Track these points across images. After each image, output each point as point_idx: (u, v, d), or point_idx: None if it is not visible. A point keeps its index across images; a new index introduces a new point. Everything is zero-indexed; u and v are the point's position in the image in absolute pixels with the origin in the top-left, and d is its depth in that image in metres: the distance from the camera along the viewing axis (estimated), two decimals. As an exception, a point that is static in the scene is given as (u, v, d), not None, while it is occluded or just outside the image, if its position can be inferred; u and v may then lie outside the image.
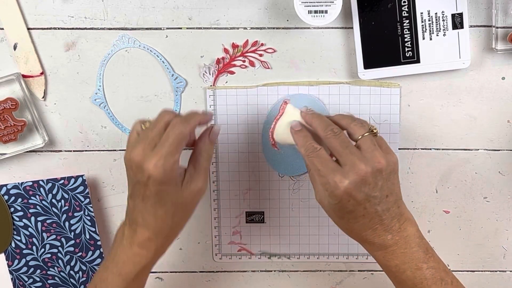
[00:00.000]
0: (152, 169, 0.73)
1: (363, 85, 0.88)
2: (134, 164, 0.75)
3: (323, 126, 0.79)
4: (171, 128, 0.75)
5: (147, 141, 0.75)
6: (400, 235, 0.77)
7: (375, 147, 0.77)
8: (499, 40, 0.85)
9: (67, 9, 0.86)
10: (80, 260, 0.92)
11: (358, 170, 0.75)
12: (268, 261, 0.95)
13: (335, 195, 0.75)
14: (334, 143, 0.77)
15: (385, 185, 0.76)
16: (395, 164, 0.78)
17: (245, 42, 0.87)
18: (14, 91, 0.87)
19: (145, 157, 0.74)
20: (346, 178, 0.75)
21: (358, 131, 0.78)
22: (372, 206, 0.76)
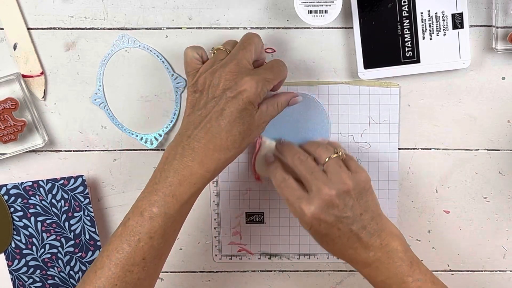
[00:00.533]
0: (250, 85, 0.74)
1: (362, 85, 0.88)
2: (223, 78, 0.75)
3: (291, 155, 0.82)
4: (276, 64, 0.79)
5: (240, 62, 0.76)
6: (382, 251, 0.78)
7: (340, 169, 0.79)
8: (499, 40, 0.85)
9: (67, 9, 0.86)
10: (80, 260, 0.92)
11: (323, 194, 0.77)
12: (268, 261, 0.95)
13: (304, 221, 0.78)
14: (301, 170, 0.80)
15: (356, 204, 0.78)
16: (365, 183, 0.79)
17: (245, 42, 0.87)
18: (14, 91, 0.87)
19: (241, 74, 0.75)
20: (311, 204, 0.77)
21: (324, 154, 0.81)
22: (345, 226, 0.77)
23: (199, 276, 0.96)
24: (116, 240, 0.76)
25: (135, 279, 0.75)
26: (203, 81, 0.77)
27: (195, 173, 0.75)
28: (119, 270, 0.75)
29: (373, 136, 0.90)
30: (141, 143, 0.90)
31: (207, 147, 0.75)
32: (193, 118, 0.76)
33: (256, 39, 0.79)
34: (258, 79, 0.75)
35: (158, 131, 0.90)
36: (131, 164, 0.91)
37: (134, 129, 0.90)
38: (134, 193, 0.91)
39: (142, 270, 0.75)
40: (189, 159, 0.75)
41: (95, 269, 0.76)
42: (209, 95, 0.76)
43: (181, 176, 0.75)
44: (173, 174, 0.75)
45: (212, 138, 0.75)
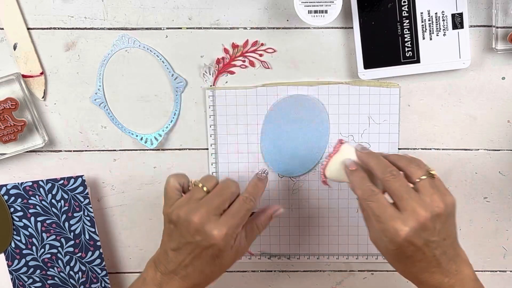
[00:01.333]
0: (219, 238, 0.76)
1: (362, 85, 0.88)
2: (194, 226, 0.77)
3: (382, 168, 0.78)
4: (243, 203, 0.80)
5: (211, 207, 0.78)
6: (456, 278, 0.76)
7: (434, 191, 0.76)
8: (499, 40, 0.85)
9: (67, 9, 0.86)
10: (80, 260, 0.92)
11: (418, 216, 0.74)
12: (268, 261, 0.95)
13: (395, 242, 0.74)
14: (394, 187, 0.76)
15: (442, 228, 0.76)
16: (453, 206, 0.77)
17: (245, 42, 0.87)
18: (14, 91, 0.87)
19: (209, 223, 0.77)
20: (406, 225, 0.74)
21: (416, 173, 0.77)
22: (430, 251, 0.75)
23: (199, 276, 0.96)
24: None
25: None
26: (176, 217, 0.78)
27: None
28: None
29: (373, 136, 0.90)
30: (141, 143, 0.90)
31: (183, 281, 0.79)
32: (170, 251, 0.79)
33: (233, 187, 0.81)
34: (227, 228, 0.77)
35: (158, 131, 0.90)
36: (131, 164, 0.91)
37: (134, 129, 0.90)
38: (134, 193, 0.92)
39: None
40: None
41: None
42: (183, 233, 0.78)
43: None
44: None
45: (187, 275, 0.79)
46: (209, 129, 0.90)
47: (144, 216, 0.93)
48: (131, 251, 0.94)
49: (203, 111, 0.89)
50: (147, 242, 0.94)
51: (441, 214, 0.75)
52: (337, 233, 0.93)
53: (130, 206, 0.92)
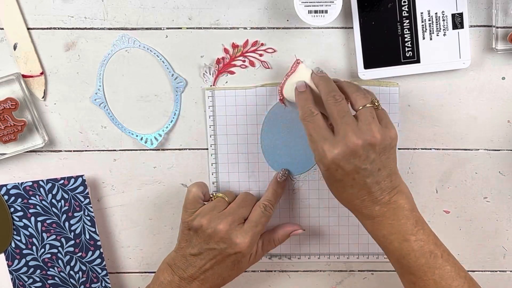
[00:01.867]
0: (244, 245, 0.82)
1: (361, 85, 0.88)
2: (219, 234, 0.81)
3: (326, 90, 0.79)
4: (264, 210, 0.85)
5: (236, 216, 0.83)
6: (388, 207, 0.78)
7: (372, 120, 0.77)
8: (499, 40, 0.85)
9: (67, 9, 0.86)
10: (80, 260, 0.92)
11: (349, 141, 0.75)
12: (268, 261, 0.95)
13: (323, 162, 0.77)
14: (333, 110, 0.78)
15: (377, 158, 0.77)
16: (392, 139, 0.78)
17: (245, 42, 0.87)
18: (14, 91, 0.87)
19: (234, 231, 0.82)
20: (335, 147, 0.76)
21: (360, 101, 0.78)
22: (361, 178, 0.76)
23: (199, 276, 0.96)
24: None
25: None
26: (198, 224, 0.83)
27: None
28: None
29: (373, 136, 0.90)
30: (141, 143, 0.90)
31: (202, 284, 0.83)
32: (189, 256, 0.83)
33: (252, 198, 0.87)
34: (251, 235, 0.82)
35: (158, 131, 0.90)
36: (131, 164, 0.91)
37: (134, 129, 0.90)
38: (134, 193, 0.92)
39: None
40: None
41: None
42: (204, 240, 0.82)
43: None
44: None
45: (206, 278, 0.83)
46: (209, 129, 0.90)
47: (144, 216, 0.93)
48: (131, 251, 0.94)
49: (203, 111, 0.89)
50: (147, 242, 0.94)
51: (376, 144, 0.76)
52: (338, 233, 0.93)
53: (130, 206, 0.92)
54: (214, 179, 0.91)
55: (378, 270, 0.95)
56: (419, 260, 0.77)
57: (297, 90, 0.83)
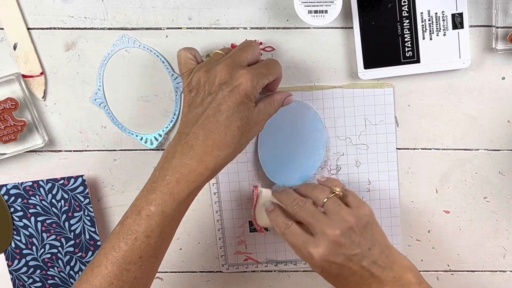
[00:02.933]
0: (245, 78, 0.74)
1: (356, 87, 0.88)
2: (218, 76, 0.75)
3: (289, 202, 0.82)
4: (271, 61, 0.79)
5: (236, 59, 0.76)
6: (396, 285, 0.77)
7: (340, 207, 0.79)
8: (499, 40, 0.85)
9: (67, 9, 0.86)
10: (80, 260, 0.92)
11: (328, 235, 0.77)
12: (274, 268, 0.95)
13: (314, 265, 0.78)
14: (302, 216, 0.80)
15: (362, 240, 0.78)
16: (368, 216, 0.79)
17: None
18: (14, 91, 0.87)
19: (236, 69, 0.75)
20: (318, 246, 0.77)
21: (320, 196, 0.81)
22: (356, 264, 0.77)
23: (199, 276, 0.96)
24: (113, 238, 0.76)
25: (131, 277, 0.75)
26: (197, 79, 0.77)
27: (194, 170, 0.74)
28: (115, 268, 0.74)
29: (370, 137, 0.90)
30: (141, 143, 0.90)
31: (205, 143, 0.74)
32: (190, 116, 0.76)
33: (254, 44, 0.80)
34: (254, 72, 0.75)
35: (158, 131, 0.90)
36: (131, 164, 0.91)
37: (134, 129, 0.90)
38: (134, 193, 0.91)
39: (139, 269, 0.75)
40: (187, 157, 0.74)
41: (92, 267, 0.75)
42: (206, 91, 0.76)
43: (179, 174, 0.74)
44: (172, 172, 0.75)
45: (210, 134, 0.74)
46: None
47: (144, 216, 0.93)
48: (131, 251, 0.94)
49: (203, 111, 0.89)
50: (147, 242, 0.94)
51: (353, 227, 0.77)
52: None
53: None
54: (215, 189, 0.91)
55: (378, 270, 0.95)
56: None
57: (267, 211, 0.85)
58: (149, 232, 0.74)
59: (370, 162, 0.90)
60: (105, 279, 0.74)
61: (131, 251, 0.74)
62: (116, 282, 0.74)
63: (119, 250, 0.74)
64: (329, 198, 0.80)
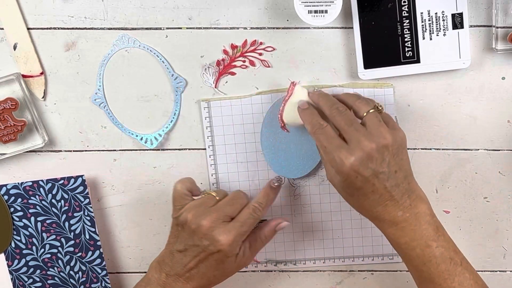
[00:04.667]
0: (226, 243, 0.79)
1: (356, 87, 0.88)
2: (202, 230, 0.80)
3: (329, 105, 0.80)
4: (252, 212, 0.82)
5: (221, 214, 0.81)
6: (410, 212, 0.77)
7: (380, 123, 0.77)
8: (499, 40, 0.85)
9: (67, 9, 0.86)
10: (80, 260, 0.92)
11: (363, 146, 0.75)
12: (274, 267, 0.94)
13: (341, 171, 0.76)
14: (339, 121, 0.78)
15: (392, 160, 0.77)
16: (402, 140, 0.78)
17: (244, 42, 0.87)
18: (14, 91, 0.87)
19: (218, 228, 0.80)
20: (352, 154, 0.75)
21: (363, 108, 0.79)
22: (380, 182, 0.76)
23: (199, 276, 0.96)
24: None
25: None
26: (184, 219, 0.81)
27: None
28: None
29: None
30: (141, 143, 0.90)
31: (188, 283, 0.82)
32: (176, 252, 0.82)
33: (245, 199, 0.84)
34: (234, 234, 0.80)
35: (158, 131, 0.90)
36: (131, 164, 0.91)
37: (134, 129, 0.90)
38: (134, 193, 0.92)
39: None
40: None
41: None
42: (189, 235, 0.81)
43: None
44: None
45: (191, 276, 0.81)
46: (207, 140, 0.90)
47: (144, 216, 0.93)
48: (131, 251, 0.94)
49: (203, 111, 0.89)
50: (147, 242, 0.94)
51: (388, 145, 0.76)
52: (342, 236, 0.93)
53: (130, 206, 0.92)
54: (214, 180, 0.91)
55: (378, 270, 0.95)
56: (440, 267, 0.77)
57: (300, 108, 0.83)
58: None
59: (370, 162, 0.90)
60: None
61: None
62: None
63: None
64: (370, 111, 0.78)
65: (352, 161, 0.75)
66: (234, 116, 0.89)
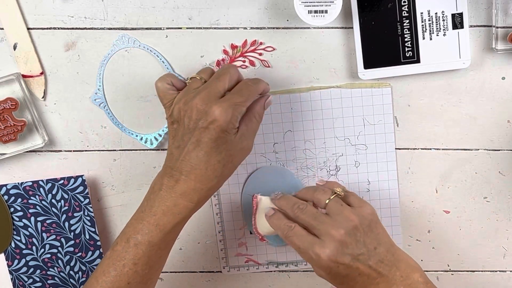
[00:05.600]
0: (219, 113, 0.74)
1: (353, 87, 0.88)
2: (194, 110, 0.75)
3: (290, 206, 0.81)
4: (245, 85, 0.78)
5: (211, 90, 0.76)
6: (404, 284, 0.77)
7: (342, 207, 0.78)
8: (499, 40, 0.85)
9: (67, 9, 0.86)
10: (80, 260, 0.92)
11: (333, 235, 0.76)
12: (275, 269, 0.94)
13: (321, 266, 0.77)
14: (304, 219, 0.79)
15: (367, 238, 0.77)
16: (371, 215, 0.79)
17: (244, 42, 0.87)
18: (14, 91, 0.87)
19: (211, 103, 0.75)
20: (325, 247, 0.76)
21: (322, 198, 0.81)
22: (364, 263, 0.76)
23: (199, 276, 0.96)
24: (104, 263, 0.78)
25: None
26: (177, 111, 0.78)
27: (179, 204, 0.77)
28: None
29: (369, 137, 0.90)
30: (141, 143, 0.90)
31: (188, 178, 0.76)
32: (174, 149, 0.78)
33: (231, 69, 0.79)
34: (228, 105, 0.75)
35: (158, 131, 0.90)
36: (131, 164, 0.91)
37: (134, 129, 0.90)
38: (134, 193, 0.92)
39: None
40: (172, 190, 0.77)
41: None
42: (185, 125, 0.77)
43: (165, 207, 0.77)
44: (158, 204, 0.77)
45: (192, 169, 0.76)
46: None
47: (144, 216, 0.93)
48: (131, 251, 0.94)
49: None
50: (147, 242, 0.94)
51: (357, 226, 0.77)
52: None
53: (130, 206, 0.92)
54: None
55: (378, 270, 0.95)
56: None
57: (267, 216, 0.84)
58: (136, 260, 0.77)
59: (369, 162, 0.90)
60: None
61: (119, 277, 0.77)
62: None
63: (109, 275, 0.77)
64: (331, 199, 0.80)
65: (328, 253, 0.76)
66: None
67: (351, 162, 0.91)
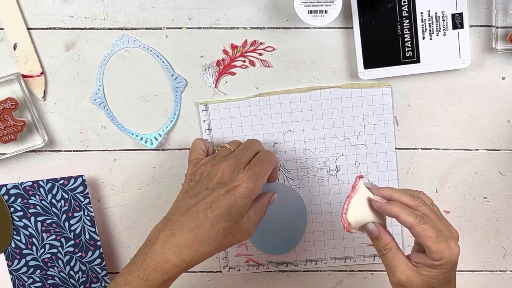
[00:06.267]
0: (245, 180, 0.77)
1: (354, 87, 0.88)
2: (218, 175, 0.78)
3: (408, 196, 0.76)
4: (266, 156, 0.81)
5: (239, 160, 0.79)
6: None
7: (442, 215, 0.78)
8: (499, 40, 0.85)
9: (67, 9, 0.86)
10: (80, 260, 0.92)
11: (454, 233, 0.76)
12: (275, 269, 0.95)
13: (452, 261, 0.74)
14: (424, 210, 0.75)
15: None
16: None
17: (244, 42, 0.87)
18: (14, 91, 0.87)
19: (237, 170, 0.78)
20: (457, 245, 0.74)
21: (428, 201, 0.77)
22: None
23: (199, 276, 0.96)
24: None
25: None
26: (201, 171, 0.80)
27: (170, 261, 0.76)
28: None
29: (369, 137, 0.90)
30: (141, 143, 0.90)
31: (188, 236, 0.76)
32: (182, 204, 0.78)
33: (257, 143, 0.84)
34: (251, 174, 0.78)
35: (158, 131, 0.90)
36: (131, 164, 0.91)
37: (134, 129, 0.90)
38: (134, 193, 0.92)
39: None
40: (167, 246, 0.76)
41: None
42: (204, 185, 0.78)
43: (156, 262, 0.76)
44: (150, 258, 0.77)
45: (195, 228, 0.76)
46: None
47: (144, 216, 0.93)
48: (131, 251, 0.94)
49: (203, 111, 0.89)
50: (147, 242, 0.94)
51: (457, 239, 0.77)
52: (342, 237, 0.93)
53: (130, 206, 0.92)
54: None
55: (378, 270, 0.95)
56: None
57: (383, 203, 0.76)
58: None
59: (369, 162, 0.90)
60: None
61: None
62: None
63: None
64: (434, 204, 0.78)
65: (458, 249, 0.74)
66: (232, 119, 0.89)
67: (351, 162, 0.91)
